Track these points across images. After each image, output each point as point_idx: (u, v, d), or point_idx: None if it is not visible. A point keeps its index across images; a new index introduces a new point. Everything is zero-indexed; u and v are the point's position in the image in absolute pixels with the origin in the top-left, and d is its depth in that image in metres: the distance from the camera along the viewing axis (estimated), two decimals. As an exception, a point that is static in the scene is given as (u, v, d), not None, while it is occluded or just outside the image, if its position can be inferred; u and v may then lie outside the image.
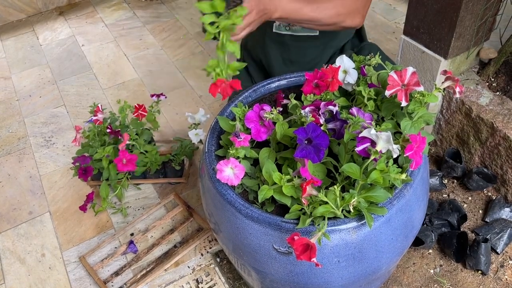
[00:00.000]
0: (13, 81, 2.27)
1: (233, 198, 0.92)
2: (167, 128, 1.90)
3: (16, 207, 1.66)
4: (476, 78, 1.49)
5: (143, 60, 2.32)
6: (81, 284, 1.40)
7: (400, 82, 0.86)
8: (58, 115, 2.04)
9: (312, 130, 0.83)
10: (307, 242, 0.76)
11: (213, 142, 1.04)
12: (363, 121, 0.85)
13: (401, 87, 0.87)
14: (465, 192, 1.50)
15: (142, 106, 1.55)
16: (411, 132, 0.87)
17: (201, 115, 1.54)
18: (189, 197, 1.61)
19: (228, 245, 1.02)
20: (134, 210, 1.60)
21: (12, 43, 2.56)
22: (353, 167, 0.82)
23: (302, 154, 0.83)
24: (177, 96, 2.06)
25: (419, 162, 0.82)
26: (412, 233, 0.98)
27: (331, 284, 0.94)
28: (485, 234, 1.35)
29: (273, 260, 0.92)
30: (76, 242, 1.52)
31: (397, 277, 1.32)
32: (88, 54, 2.41)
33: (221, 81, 0.80)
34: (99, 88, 2.18)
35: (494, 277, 1.29)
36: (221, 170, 0.88)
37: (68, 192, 1.69)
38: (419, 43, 1.47)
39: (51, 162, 1.82)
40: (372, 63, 0.96)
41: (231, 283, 1.35)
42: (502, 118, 1.36)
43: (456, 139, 1.53)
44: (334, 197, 0.81)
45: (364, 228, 0.86)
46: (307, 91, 0.95)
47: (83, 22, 2.68)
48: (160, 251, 1.46)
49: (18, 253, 1.51)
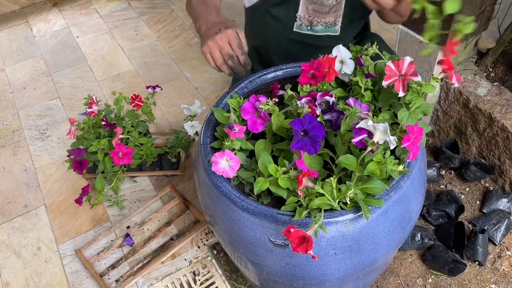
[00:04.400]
0: (7, 73, 2.25)
1: (229, 190, 0.91)
2: (163, 120, 1.89)
3: (11, 201, 1.65)
4: (474, 68, 1.48)
5: (138, 52, 2.30)
6: (77, 277, 1.40)
7: (397, 72, 0.85)
8: (53, 108, 2.02)
9: (308, 122, 0.82)
10: (303, 235, 0.75)
11: (208, 134, 1.03)
12: (360, 112, 0.84)
13: (398, 77, 0.85)
14: (462, 183, 1.50)
15: (138, 97, 1.54)
16: (408, 123, 0.86)
17: (197, 107, 1.52)
18: (186, 189, 1.60)
19: (224, 238, 1.01)
20: (130, 203, 1.59)
21: (5, 35, 2.53)
22: (349, 159, 0.81)
23: (298, 145, 0.82)
24: (173, 88, 2.05)
25: (417, 153, 0.81)
26: (409, 225, 0.97)
27: (328, 276, 0.93)
28: (483, 225, 1.34)
29: (269, 253, 0.92)
30: (72, 235, 1.51)
31: (394, 268, 1.31)
32: (82, 45, 2.39)
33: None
34: (94, 80, 2.16)
35: (492, 268, 1.29)
36: (216, 162, 0.87)
37: (64, 185, 1.67)
38: (417, 33, 1.45)
39: (46, 155, 1.80)
40: (369, 53, 0.95)
41: (228, 276, 1.35)
42: (500, 109, 1.35)
43: (453, 129, 1.52)
44: (330, 189, 0.80)
45: (361, 220, 0.85)
46: (304, 82, 0.94)
47: (78, 13, 2.65)
48: (157, 244, 1.45)
49: (13, 247, 1.50)
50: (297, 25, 1.32)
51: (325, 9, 1.27)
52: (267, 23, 1.35)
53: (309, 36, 1.34)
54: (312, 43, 1.35)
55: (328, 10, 1.27)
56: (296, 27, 1.32)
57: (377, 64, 0.94)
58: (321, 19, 1.29)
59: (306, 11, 1.28)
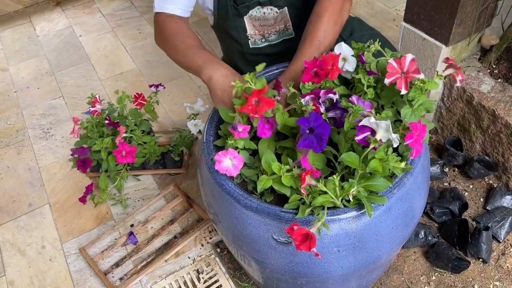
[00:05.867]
0: (11, 73, 2.26)
1: (232, 188, 0.91)
2: (166, 119, 1.89)
3: (16, 199, 1.66)
4: (477, 65, 1.47)
5: (141, 50, 2.30)
6: (81, 275, 1.40)
7: (399, 69, 0.85)
8: (56, 107, 2.03)
9: (314, 119, 0.82)
10: (306, 232, 0.75)
11: (211, 133, 1.03)
12: (363, 110, 0.84)
13: (400, 74, 0.85)
14: (466, 180, 1.49)
15: (141, 95, 1.54)
16: (411, 120, 0.86)
17: (199, 105, 1.53)
18: (189, 188, 1.61)
19: (227, 236, 1.01)
20: (134, 201, 1.59)
21: (9, 35, 2.54)
22: (352, 156, 0.81)
23: (305, 144, 0.82)
24: (176, 87, 2.05)
25: (420, 150, 0.81)
26: (412, 222, 0.97)
27: (331, 273, 0.93)
28: (486, 222, 1.34)
29: (272, 250, 0.92)
30: (76, 233, 1.52)
31: (397, 266, 1.31)
32: (85, 44, 2.39)
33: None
34: (97, 79, 2.16)
35: (495, 265, 1.29)
36: (219, 161, 0.87)
37: (68, 184, 1.68)
38: (420, 30, 1.45)
39: (50, 154, 1.81)
40: (371, 50, 0.95)
41: (231, 273, 1.35)
42: (503, 105, 1.35)
43: (457, 127, 1.52)
44: (333, 186, 0.80)
45: (364, 218, 0.85)
46: (306, 80, 0.94)
47: (80, 13, 2.65)
48: (160, 242, 1.45)
49: (18, 245, 1.51)
50: (252, 42, 1.35)
51: (270, 22, 1.28)
52: (227, 43, 1.39)
53: (266, 47, 1.36)
54: (272, 52, 1.37)
55: (273, 22, 1.29)
56: (252, 43, 1.35)
57: (379, 61, 0.94)
58: (271, 30, 1.32)
59: (254, 28, 1.31)
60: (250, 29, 1.31)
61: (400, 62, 0.85)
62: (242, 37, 1.33)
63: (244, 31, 1.31)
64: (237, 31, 1.31)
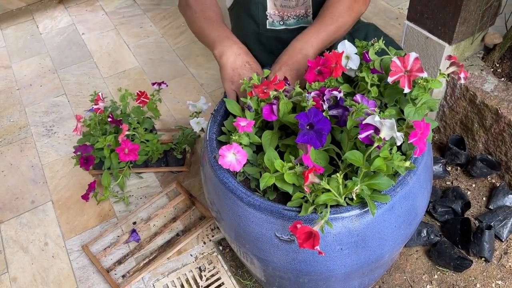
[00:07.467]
0: (13, 70, 2.26)
1: (235, 186, 0.91)
2: (169, 117, 1.89)
3: (19, 196, 1.66)
4: (480, 64, 1.47)
5: (143, 48, 2.30)
6: (84, 272, 1.41)
7: (402, 68, 0.85)
8: (59, 104, 2.03)
9: (313, 115, 0.82)
10: (310, 230, 0.75)
11: (214, 130, 1.03)
12: (366, 108, 0.84)
13: (403, 73, 0.85)
14: (468, 179, 1.49)
15: (144, 93, 1.54)
16: (415, 118, 0.86)
17: (202, 103, 1.53)
18: (191, 185, 1.61)
19: (230, 233, 1.01)
20: (136, 199, 1.59)
21: (12, 32, 2.55)
22: (356, 155, 0.81)
23: (304, 139, 0.82)
24: (178, 85, 2.05)
25: (423, 149, 0.81)
26: (415, 221, 0.97)
27: (334, 271, 0.93)
28: (489, 221, 1.34)
29: (275, 248, 0.92)
30: (79, 231, 1.52)
31: (400, 264, 1.31)
32: (88, 42, 2.40)
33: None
34: (99, 76, 2.16)
35: (498, 264, 1.29)
36: (223, 156, 0.87)
37: (70, 181, 1.68)
38: (423, 28, 1.45)
39: (52, 151, 1.81)
40: (375, 48, 0.94)
41: (233, 271, 1.35)
42: (507, 104, 1.34)
43: (460, 125, 1.52)
44: (336, 184, 0.80)
45: (367, 216, 0.85)
46: (310, 79, 0.93)
47: (83, 10, 2.65)
48: (163, 240, 1.46)
49: (21, 242, 1.51)
50: (269, 22, 1.33)
51: (292, 3, 1.27)
52: (243, 22, 1.37)
53: (283, 31, 1.35)
54: (289, 37, 1.36)
55: (295, 4, 1.27)
56: (269, 24, 1.34)
57: (383, 59, 0.94)
58: (291, 13, 1.30)
59: (275, 7, 1.29)
60: (271, 7, 1.29)
61: (404, 60, 0.85)
62: (261, 15, 1.31)
63: (264, 9, 1.30)
64: (257, 7, 1.30)
